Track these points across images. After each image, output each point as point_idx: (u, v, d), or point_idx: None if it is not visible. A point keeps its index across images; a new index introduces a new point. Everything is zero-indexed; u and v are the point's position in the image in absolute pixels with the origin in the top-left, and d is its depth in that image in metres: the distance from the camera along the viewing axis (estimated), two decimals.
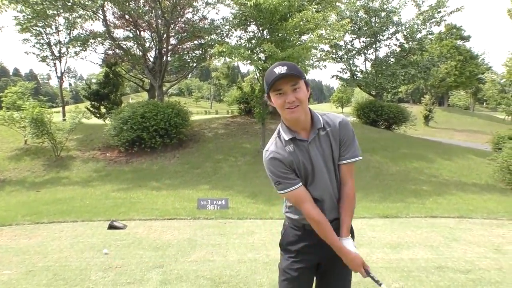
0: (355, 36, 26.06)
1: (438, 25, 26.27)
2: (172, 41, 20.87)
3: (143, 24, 20.46)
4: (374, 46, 26.05)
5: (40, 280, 4.77)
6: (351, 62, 26.59)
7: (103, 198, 10.86)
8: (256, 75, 16.60)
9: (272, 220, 7.85)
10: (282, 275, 2.47)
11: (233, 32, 18.30)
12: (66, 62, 26.50)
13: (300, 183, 2.27)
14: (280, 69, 2.09)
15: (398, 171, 13.97)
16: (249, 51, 14.01)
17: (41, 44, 25.33)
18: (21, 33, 21.73)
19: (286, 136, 2.26)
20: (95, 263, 5.35)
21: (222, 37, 18.36)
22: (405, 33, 25.29)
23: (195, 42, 20.60)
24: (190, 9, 20.04)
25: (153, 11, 18.81)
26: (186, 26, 19.90)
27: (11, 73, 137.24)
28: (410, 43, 25.48)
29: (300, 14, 13.26)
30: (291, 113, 2.15)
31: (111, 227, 7.17)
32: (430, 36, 26.46)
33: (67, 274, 4.96)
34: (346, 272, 2.48)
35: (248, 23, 16.04)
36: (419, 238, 6.54)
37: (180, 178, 13.74)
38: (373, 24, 25.08)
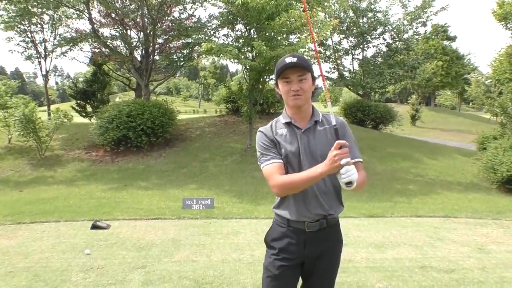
0: (343, 36, 26.13)
1: (425, 26, 26.50)
2: (159, 40, 20.71)
3: (130, 23, 20.28)
4: (361, 46, 26.14)
5: (20, 281, 4.69)
6: (338, 62, 26.66)
7: (87, 198, 10.73)
8: (244, 74, 16.53)
9: (257, 219, 7.82)
10: (265, 272, 2.46)
11: (219, 31, 18.23)
12: (51, 61, 26.23)
13: (280, 160, 2.33)
14: (290, 59, 2.24)
15: (385, 170, 14.03)
16: (237, 50, 13.97)
17: (25, 43, 24.97)
18: (5, 31, 21.41)
19: (283, 119, 2.41)
20: (76, 263, 5.27)
21: (209, 35, 18.25)
22: (392, 33, 25.42)
23: (182, 41, 20.47)
24: (177, 8, 19.90)
25: (140, 9, 18.63)
26: (173, 25, 19.77)
27: None
28: (397, 43, 25.62)
29: (287, 13, 13.21)
30: (294, 100, 2.29)
31: (95, 227, 7.08)
32: (416, 36, 26.62)
33: (48, 275, 4.88)
34: (330, 272, 2.47)
35: (236, 22, 15.98)
36: (404, 237, 6.57)
37: (166, 177, 13.65)
38: (361, 24, 25.17)
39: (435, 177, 13.67)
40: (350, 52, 26.71)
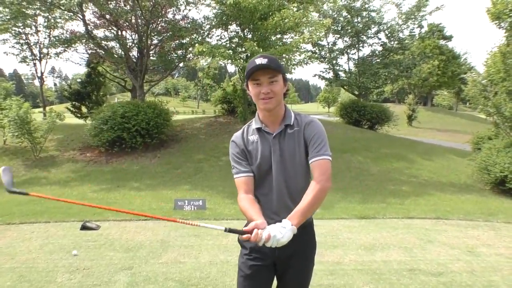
0: (338, 36, 26.14)
1: (421, 27, 26.56)
2: (154, 40, 20.69)
3: (124, 24, 20.25)
4: (356, 45, 26.17)
5: (4, 282, 4.69)
6: (334, 62, 26.66)
7: (79, 199, 10.62)
8: (239, 74, 16.53)
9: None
10: (238, 272, 2.48)
11: (214, 32, 18.23)
12: (46, 63, 26.25)
13: (249, 174, 2.35)
14: (260, 61, 2.17)
15: (379, 171, 14.00)
16: (230, 51, 13.97)
17: (20, 45, 24.99)
18: None
19: (255, 125, 2.39)
20: (63, 264, 5.26)
21: (203, 36, 18.25)
22: (386, 33, 25.44)
23: (177, 41, 20.45)
24: (171, 9, 19.88)
25: (133, 10, 18.61)
26: (167, 25, 19.75)
27: None
28: (392, 42, 25.65)
29: (280, 13, 13.22)
30: (264, 103, 2.23)
31: (84, 227, 6.94)
32: (411, 36, 26.64)
33: (33, 275, 4.88)
34: (303, 272, 2.47)
35: (229, 23, 15.99)
36: (394, 239, 6.55)
37: (160, 178, 13.61)
38: (355, 23, 25.18)
39: (428, 178, 13.64)
40: (345, 51, 26.72)
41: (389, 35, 25.48)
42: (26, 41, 24.98)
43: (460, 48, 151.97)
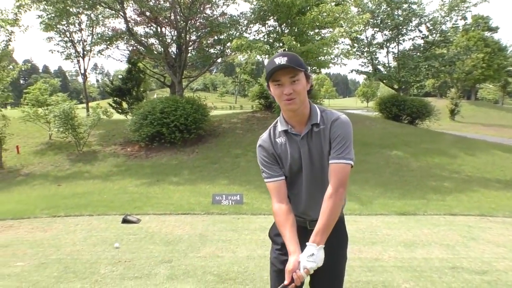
0: (377, 29, 25.63)
1: (465, 19, 25.66)
2: (192, 36, 20.93)
3: (163, 21, 20.57)
4: (396, 39, 25.58)
5: (51, 273, 4.86)
6: (372, 56, 26.19)
7: (120, 193, 10.98)
8: None
9: None
10: (271, 266, 2.51)
11: (251, 27, 18.25)
12: (89, 60, 26.99)
13: (281, 178, 2.31)
14: (280, 60, 2.07)
15: (419, 167, 13.69)
16: (268, 46, 13.96)
17: (64, 42, 25.79)
18: (45, 32, 22.11)
19: (280, 127, 2.31)
20: (105, 256, 5.42)
21: (241, 32, 18.31)
22: (428, 25, 24.74)
23: (215, 37, 20.61)
24: (210, 5, 20.04)
25: (172, 7, 18.87)
26: (205, 21, 19.92)
27: (40, 70, 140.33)
28: (434, 35, 24.93)
29: (318, 7, 13.09)
30: (287, 105, 2.15)
31: (125, 221, 7.25)
32: (455, 28, 25.78)
33: (78, 267, 5.04)
34: (334, 269, 2.42)
35: (267, 18, 15.96)
36: (435, 236, 6.39)
37: (198, 173, 13.79)
38: (395, 16, 24.61)
39: (472, 174, 13.22)
40: (384, 45, 26.18)
41: (431, 27, 24.77)
42: (70, 38, 25.75)
43: (507, 40, 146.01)
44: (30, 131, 19.42)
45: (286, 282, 2.13)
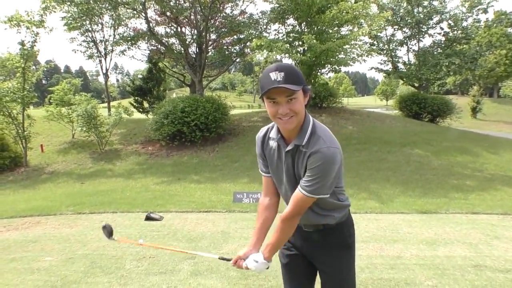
0: (397, 27, 25.41)
1: (486, 13, 25.23)
2: (212, 36, 21.08)
3: (184, 20, 20.76)
4: (417, 36, 25.32)
5: (79, 267, 5.01)
6: (392, 53, 25.97)
7: (142, 191, 11.15)
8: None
9: None
10: (279, 261, 2.65)
11: (271, 26, 18.30)
12: (111, 59, 27.40)
13: (267, 175, 2.43)
14: (276, 75, 1.91)
15: (441, 165, 13.54)
16: (288, 45, 13.98)
17: (87, 42, 26.23)
18: (68, 32, 22.51)
19: (274, 134, 2.24)
20: (130, 252, 5.54)
21: (260, 31, 18.37)
22: (449, 22, 24.41)
23: (235, 36, 20.72)
24: (229, 4, 20.16)
25: (193, 7, 19.04)
26: (225, 21, 20.04)
27: (62, 70, 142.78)
28: (455, 32, 24.58)
29: (338, 5, 13.07)
30: (283, 124, 2.04)
31: (148, 218, 7.38)
32: (477, 24, 25.37)
33: (104, 262, 5.17)
34: (339, 272, 2.42)
35: (286, 17, 15.98)
36: (457, 235, 6.34)
37: (219, 171, 13.89)
38: (415, 13, 24.35)
39: (495, 172, 13.01)
40: (404, 43, 25.94)
41: (452, 24, 24.45)
42: (92, 38, 26.17)
43: None
44: (54, 130, 19.84)
45: (231, 262, 2.47)
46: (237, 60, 23.87)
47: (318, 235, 2.37)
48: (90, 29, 25.50)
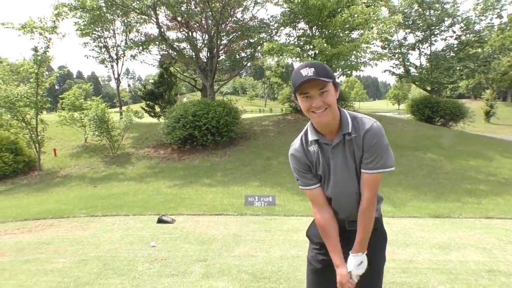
0: (409, 30, 25.27)
1: (500, 18, 25.00)
2: (223, 41, 21.17)
3: (195, 25, 20.89)
4: (429, 40, 25.16)
5: (91, 269, 5.03)
6: (404, 57, 25.83)
7: (154, 194, 11.22)
8: None
9: None
10: (308, 265, 2.51)
11: (281, 30, 18.34)
12: (122, 64, 27.64)
13: (316, 185, 2.31)
14: (306, 71, 1.99)
15: (454, 169, 13.43)
16: (299, 48, 13.98)
17: (99, 48, 26.51)
18: (81, 38, 22.76)
19: (311, 137, 2.24)
20: (142, 255, 5.56)
21: (271, 35, 18.41)
22: (461, 25, 24.24)
23: (245, 41, 20.79)
24: (240, 9, 20.25)
25: (203, 12, 19.15)
26: (236, 25, 20.12)
27: (74, 76, 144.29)
28: (468, 35, 24.39)
29: (349, 9, 13.05)
30: (317, 117, 2.08)
31: (160, 221, 7.41)
32: (489, 28, 25.12)
33: (116, 264, 5.20)
34: (373, 272, 2.40)
35: (297, 21, 15.99)
36: (471, 239, 6.26)
37: (230, 175, 13.92)
38: (427, 17, 24.22)
39: (509, 177, 12.86)
40: (416, 46, 25.80)
41: (464, 27, 24.26)
42: (104, 44, 26.45)
43: None
44: (67, 135, 20.05)
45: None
46: (248, 64, 23.93)
47: None
48: (101, 35, 25.76)
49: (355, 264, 2.22)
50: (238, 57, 21.98)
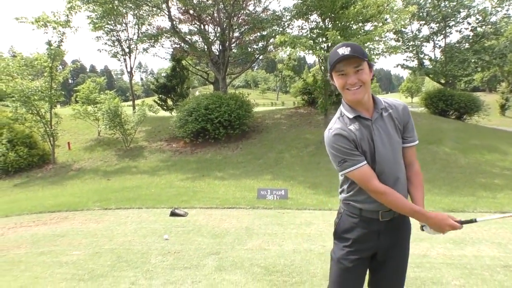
0: (423, 22, 24.91)
1: None
2: (235, 33, 21.11)
3: (207, 18, 20.85)
4: (443, 31, 24.78)
5: (105, 261, 5.07)
6: (418, 50, 25.48)
7: (167, 187, 11.27)
8: (319, 65, 16.40)
9: (331, 211, 7.75)
10: (335, 264, 2.42)
11: (294, 22, 18.22)
12: (135, 58, 27.69)
13: (365, 161, 2.26)
14: (343, 50, 2.10)
15: (468, 163, 13.27)
16: (311, 41, 13.86)
17: (112, 41, 26.58)
18: (93, 31, 22.85)
19: (349, 115, 2.28)
20: (155, 247, 5.59)
21: (284, 27, 18.31)
22: (477, 17, 23.81)
23: (258, 34, 20.71)
24: (252, 1, 20.16)
25: (216, 5, 19.11)
26: (248, 18, 20.04)
27: (88, 70, 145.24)
28: (484, 27, 23.96)
29: (362, 0, 12.90)
30: (352, 94, 2.18)
31: (173, 214, 7.44)
32: (506, 19, 24.64)
33: (130, 256, 5.23)
34: (402, 263, 2.43)
35: (310, 13, 15.85)
36: (486, 234, 6.18)
37: (242, 168, 13.93)
38: (442, 8, 23.83)
39: None
40: (431, 38, 25.43)
41: (480, 19, 23.84)
42: (117, 37, 26.52)
43: None
44: (80, 128, 20.23)
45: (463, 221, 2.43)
46: (260, 57, 23.84)
47: (400, 225, 2.44)
48: (114, 28, 25.82)
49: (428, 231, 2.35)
50: (250, 49, 21.89)
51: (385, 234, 2.33)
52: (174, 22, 20.64)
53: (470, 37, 24.88)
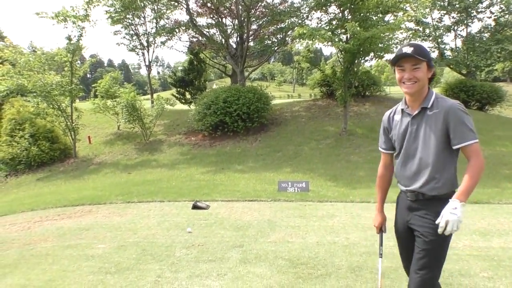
0: (444, 12, 24.42)
1: None
2: (253, 26, 21.02)
3: (225, 11, 20.80)
4: (465, 21, 24.27)
5: (130, 254, 5.13)
6: (439, 40, 25.02)
7: (188, 180, 11.33)
8: (338, 57, 16.24)
9: (353, 203, 7.72)
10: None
11: (313, 14, 18.06)
12: (153, 52, 27.81)
13: (386, 151, 2.86)
14: (406, 49, 2.41)
15: (491, 154, 13.04)
16: (330, 33, 13.71)
17: (130, 35, 26.75)
18: (112, 26, 23.00)
19: (400, 106, 2.69)
20: (179, 240, 5.63)
21: (302, 19, 18.16)
22: (500, 5, 23.25)
23: (276, 26, 20.59)
24: None
25: None
26: (266, 10, 19.92)
27: (105, 64, 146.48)
28: (507, 16, 23.40)
29: None
30: (406, 88, 2.48)
31: (195, 207, 7.48)
32: None
33: (154, 249, 5.28)
34: (426, 243, 2.51)
35: (328, 4, 15.68)
36: None
37: (261, 161, 13.93)
38: None
39: None
40: (452, 28, 24.94)
41: (503, 8, 23.27)
42: (135, 31, 26.67)
43: None
44: (100, 122, 20.45)
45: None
46: (277, 50, 23.71)
47: (425, 205, 2.57)
48: (132, 22, 25.97)
49: (449, 207, 2.31)
50: (268, 42, 21.78)
51: (410, 212, 2.63)
52: (192, 15, 20.64)
53: (492, 26, 24.32)
